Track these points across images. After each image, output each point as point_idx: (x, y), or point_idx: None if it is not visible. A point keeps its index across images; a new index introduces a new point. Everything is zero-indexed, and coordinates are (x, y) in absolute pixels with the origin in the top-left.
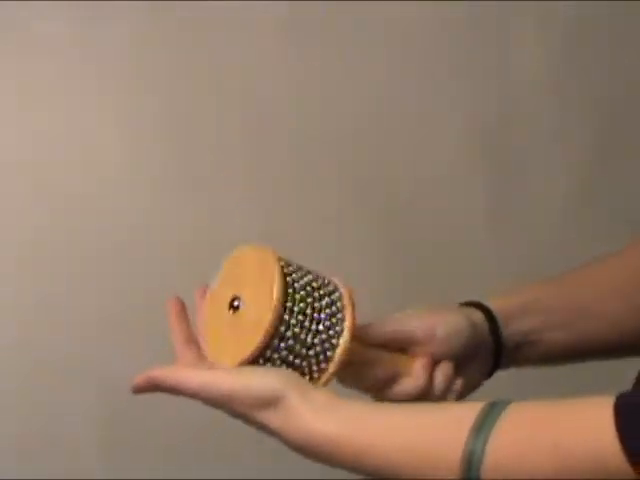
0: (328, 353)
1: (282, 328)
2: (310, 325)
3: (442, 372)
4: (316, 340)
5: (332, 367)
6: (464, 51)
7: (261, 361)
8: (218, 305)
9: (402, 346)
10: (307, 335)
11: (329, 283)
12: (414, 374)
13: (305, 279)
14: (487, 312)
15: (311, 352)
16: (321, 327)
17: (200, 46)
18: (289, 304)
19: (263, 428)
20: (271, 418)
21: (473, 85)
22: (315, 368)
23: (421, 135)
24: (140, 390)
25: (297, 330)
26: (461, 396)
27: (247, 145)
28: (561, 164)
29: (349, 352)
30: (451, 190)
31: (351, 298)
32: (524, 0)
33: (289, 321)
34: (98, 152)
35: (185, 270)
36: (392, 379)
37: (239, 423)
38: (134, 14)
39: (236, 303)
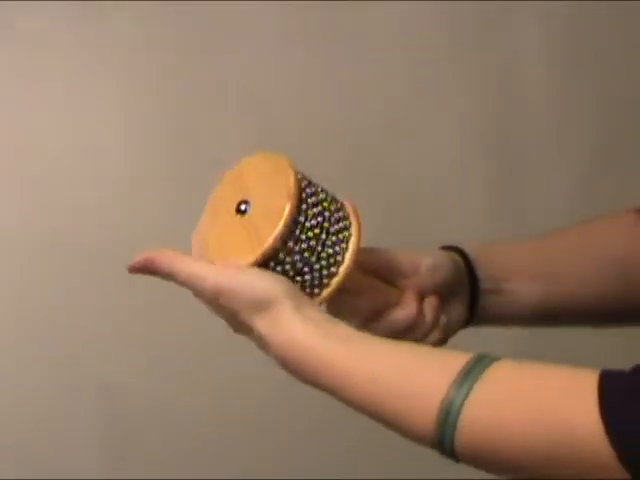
0: (332, 269)
1: (297, 230)
2: (320, 234)
3: (430, 304)
4: (323, 253)
5: (334, 283)
6: (464, 51)
7: (272, 264)
8: (220, 211)
9: (388, 278)
10: (317, 244)
11: (337, 200)
12: (404, 303)
13: (318, 188)
14: (463, 254)
15: (317, 266)
16: (329, 241)
17: (201, 47)
18: (303, 206)
19: (249, 330)
20: (259, 321)
21: (473, 85)
22: (317, 282)
23: (421, 135)
24: (135, 269)
25: (310, 234)
26: (445, 334)
27: (248, 146)
28: (561, 164)
29: (352, 271)
30: (451, 190)
31: (357, 216)
32: (525, 0)
33: (304, 223)
34: (99, 153)
35: None
36: (383, 309)
37: (238, 423)
38: (135, 14)
39: (243, 207)
